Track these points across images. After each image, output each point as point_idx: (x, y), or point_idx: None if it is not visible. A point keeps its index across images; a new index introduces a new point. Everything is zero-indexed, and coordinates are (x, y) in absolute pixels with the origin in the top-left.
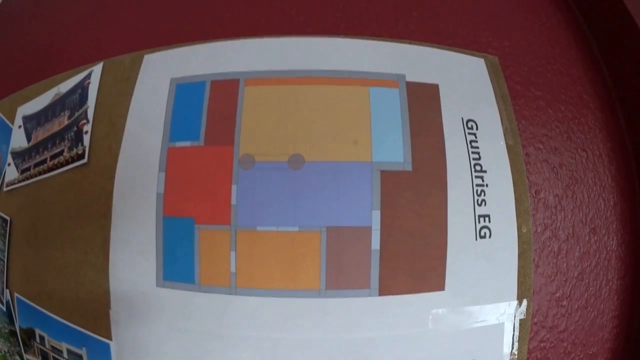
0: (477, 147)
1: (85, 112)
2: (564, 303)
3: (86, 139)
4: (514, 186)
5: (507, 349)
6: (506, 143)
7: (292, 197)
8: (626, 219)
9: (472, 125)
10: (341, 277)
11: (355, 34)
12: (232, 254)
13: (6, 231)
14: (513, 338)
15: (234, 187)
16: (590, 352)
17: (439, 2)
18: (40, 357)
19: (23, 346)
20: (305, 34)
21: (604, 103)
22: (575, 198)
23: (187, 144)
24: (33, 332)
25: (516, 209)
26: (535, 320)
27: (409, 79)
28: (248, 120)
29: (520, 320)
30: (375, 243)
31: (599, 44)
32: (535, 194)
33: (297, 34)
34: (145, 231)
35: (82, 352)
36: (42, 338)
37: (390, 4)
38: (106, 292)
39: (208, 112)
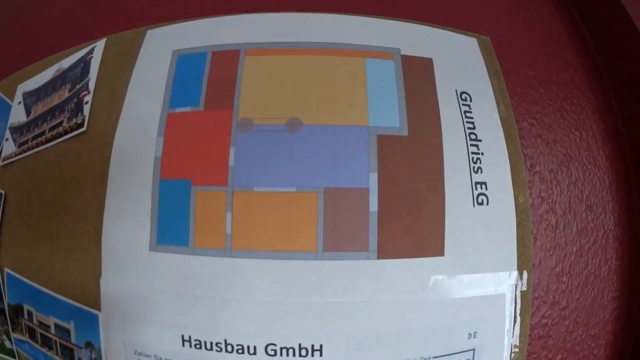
0: (472, 117)
1: (87, 84)
2: (564, 279)
3: (86, 108)
4: (509, 156)
5: (509, 322)
6: (500, 115)
7: (290, 158)
8: (622, 200)
9: (465, 97)
10: (339, 239)
11: (352, 12)
12: (228, 215)
13: (0, 206)
14: (515, 310)
15: (231, 149)
16: (592, 334)
17: None
18: (27, 334)
19: (11, 324)
20: (303, 10)
21: (595, 86)
22: (570, 174)
23: (187, 109)
24: (21, 308)
25: (512, 179)
26: (536, 294)
27: (403, 52)
28: (248, 86)
29: (522, 292)
30: (373, 205)
31: (590, 30)
32: (531, 167)
33: (296, 10)
34: (140, 195)
35: (70, 325)
36: (30, 314)
37: None
38: (97, 260)
39: (208, 79)
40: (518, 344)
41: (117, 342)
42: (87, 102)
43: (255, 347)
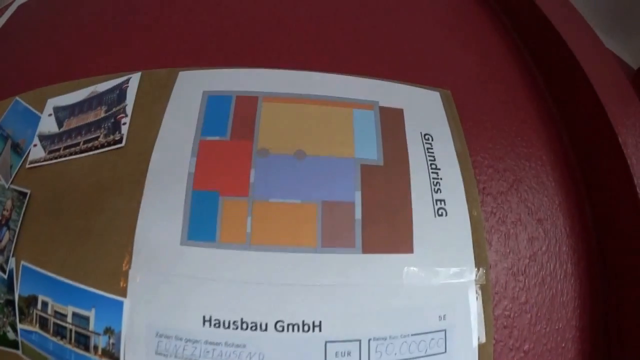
0: (433, 152)
1: (124, 108)
2: (521, 278)
3: (124, 128)
4: (463, 180)
5: (473, 309)
6: (456, 150)
7: (297, 179)
8: (573, 216)
9: (428, 137)
10: (332, 238)
11: (343, 72)
12: (249, 218)
13: (23, 203)
14: (477, 301)
15: (252, 170)
16: (557, 327)
17: (407, 49)
18: (38, 324)
19: (19, 315)
20: (306, 68)
21: (547, 124)
22: (519, 195)
23: (216, 138)
24: (35, 299)
25: (466, 197)
26: (496, 290)
27: (381, 104)
28: (265, 124)
29: (481, 285)
30: (358, 214)
31: (545, 77)
32: (483, 189)
33: (300, 69)
34: (174, 200)
35: (90, 313)
36: (45, 304)
37: (371, 50)
38: (128, 253)
39: (233, 116)
40: (484, 330)
41: (140, 325)
42: (124, 123)
43: (266, 324)
